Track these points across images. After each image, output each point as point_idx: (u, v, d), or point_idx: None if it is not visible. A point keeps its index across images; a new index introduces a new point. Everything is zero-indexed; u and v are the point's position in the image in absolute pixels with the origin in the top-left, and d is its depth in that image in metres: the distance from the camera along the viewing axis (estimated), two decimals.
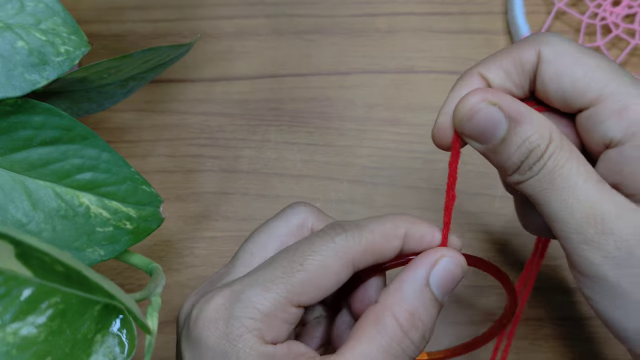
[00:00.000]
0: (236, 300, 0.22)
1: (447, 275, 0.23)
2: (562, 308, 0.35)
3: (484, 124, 0.22)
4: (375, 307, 0.23)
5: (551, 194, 0.22)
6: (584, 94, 0.22)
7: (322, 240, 0.23)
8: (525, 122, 0.22)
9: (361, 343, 0.22)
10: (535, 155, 0.22)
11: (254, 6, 0.42)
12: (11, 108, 0.25)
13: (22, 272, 0.19)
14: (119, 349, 0.21)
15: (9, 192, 0.26)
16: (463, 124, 0.22)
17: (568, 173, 0.22)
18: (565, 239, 0.22)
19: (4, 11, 0.26)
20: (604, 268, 0.21)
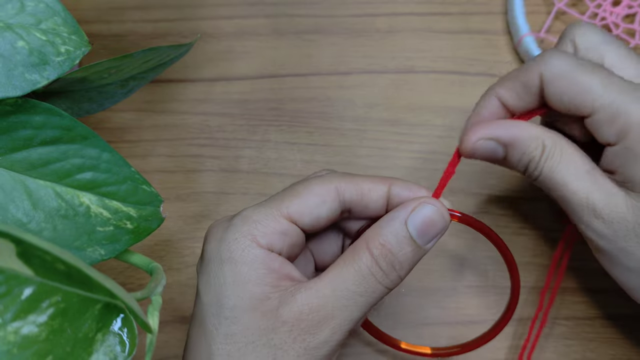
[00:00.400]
0: (235, 216, 0.27)
1: (426, 219, 0.26)
2: (563, 308, 0.35)
3: (485, 154, 0.28)
4: (356, 241, 0.26)
5: (554, 188, 0.27)
6: (581, 108, 0.26)
7: (313, 175, 0.28)
8: (517, 144, 0.27)
9: (337, 267, 0.25)
10: (533, 165, 0.27)
11: (254, 6, 0.42)
12: (11, 108, 0.25)
13: (23, 270, 0.19)
14: (119, 348, 0.21)
15: (10, 191, 0.26)
16: (470, 156, 0.28)
17: (561, 174, 0.27)
18: (572, 219, 0.28)
19: (5, 11, 0.26)
20: (599, 242, 0.27)
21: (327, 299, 0.25)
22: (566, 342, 0.35)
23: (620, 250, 0.26)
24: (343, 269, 0.25)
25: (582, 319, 0.35)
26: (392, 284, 0.26)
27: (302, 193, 0.27)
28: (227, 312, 0.25)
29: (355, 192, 0.27)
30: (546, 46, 0.41)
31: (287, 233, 0.26)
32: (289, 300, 0.25)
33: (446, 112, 0.39)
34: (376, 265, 0.25)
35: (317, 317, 0.25)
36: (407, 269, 0.26)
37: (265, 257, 0.26)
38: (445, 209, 0.26)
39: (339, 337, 0.25)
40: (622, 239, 0.26)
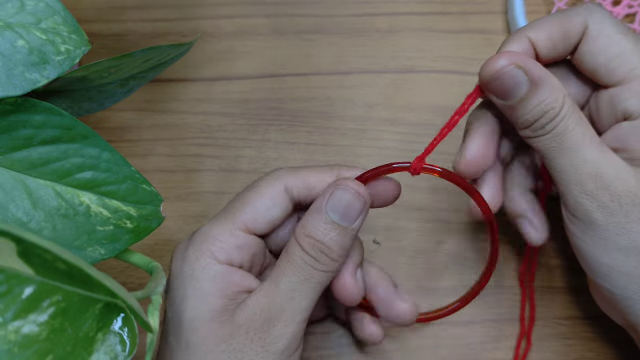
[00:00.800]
0: (195, 232, 0.28)
1: (343, 202, 0.26)
2: (563, 308, 0.35)
3: (508, 83, 0.25)
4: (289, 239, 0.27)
5: (559, 152, 0.25)
6: (613, 73, 0.25)
7: (261, 177, 0.29)
8: (543, 87, 0.25)
9: (277, 266, 0.27)
10: (549, 117, 0.25)
11: (254, 6, 0.42)
12: (11, 107, 0.25)
13: (24, 270, 0.19)
14: (120, 347, 0.21)
15: (10, 191, 0.26)
16: (489, 81, 0.26)
17: (576, 136, 0.25)
18: (566, 188, 0.26)
19: (4, 10, 0.26)
20: (596, 215, 0.25)
21: (274, 295, 0.26)
22: (566, 342, 0.35)
23: (617, 226, 0.25)
24: (281, 266, 0.27)
25: (581, 319, 0.35)
26: (331, 266, 0.27)
27: (252, 199, 0.28)
28: (186, 324, 0.26)
29: (302, 187, 0.28)
30: None
31: (244, 246, 0.28)
32: (242, 306, 0.26)
33: (446, 112, 0.39)
34: (307, 255, 0.26)
35: (268, 315, 0.26)
36: (341, 250, 0.27)
37: (225, 272, 0.27)
38: (361, 187, 0.27)
39: (293, 328, 0.26)
40: (624, 214, 0.25)
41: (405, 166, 0.28)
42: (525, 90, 0.25)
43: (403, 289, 0.36)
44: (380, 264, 0.36)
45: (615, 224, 0.25)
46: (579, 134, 0.25)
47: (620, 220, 0.25)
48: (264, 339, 0.26)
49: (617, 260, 0.26)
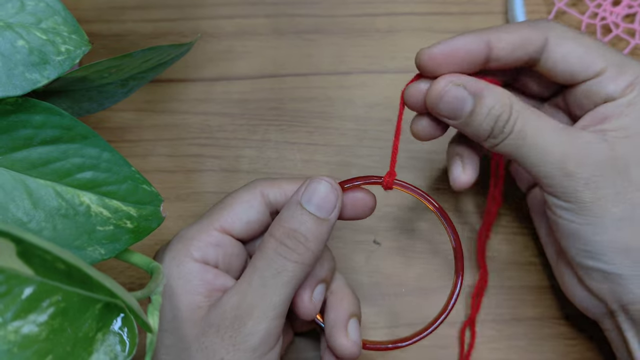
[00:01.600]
0: (174, 237, 0.29)
1: (315, 191, 0.27)
2: (563, 307, 0.35)
3: (453, 101, 0.27)
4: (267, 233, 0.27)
5: (527, 147, 0.26)
6: (588, 69, 0.27)
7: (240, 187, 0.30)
8: (487, 95, 0.26)
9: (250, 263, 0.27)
10: (503, 120, 0.26)
11: (255, 6, 0.42)
12: (12, 107, 0.25)
13: (24, 270, 0.19)
14: (120, 347, 0.21)
15: (10, 191, 0.26)
16: (436, 105, 0.27)
17: (537, 127, 0.26)
18: (549, 177, 0.26)
19: (5, 10, 0.26)
20: (584, 193, 0.26)
21: (245, 292, 0.26)
22: (566, 342, 0.35)
23: (606, 198, 0.26)
24: (253, 262, 0.27)
25: (581, 319, 0.35)
26: (303, 258, 0.27)
27: (230, 203, 0.29)
28: (165, 324, 0.27)
29: (278, 193, 0.29)
30: None
31: (219, 244, 0.28)
32: (216, 304, 0.26)
33: None
34: (280, 244, 0.26)
35: (239, 312, 0.26)
36: (316, 241, 0.27)
37: (199, 270, 0.27)
38: (332, 181, 0.27)
39: (265, 325, 0.26)
40: (610, 184, 0.26)
41: (377, 181, 0.29)
42: (471, 103, 0.27)
43: (403, 289, 0.36)
44: (380, 264, 0.36)
45: (603, 196, 0.26)
46: (539, 125, 0.26)
47: (608, 191, 0.26)
48: (234, 337, 0.26)
49: (612, 235, 0.26)
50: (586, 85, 0.27)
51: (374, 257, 0.36)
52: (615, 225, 0.26)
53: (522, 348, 0.35)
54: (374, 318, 0.35)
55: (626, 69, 0.27)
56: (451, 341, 0.35)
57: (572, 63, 0.27)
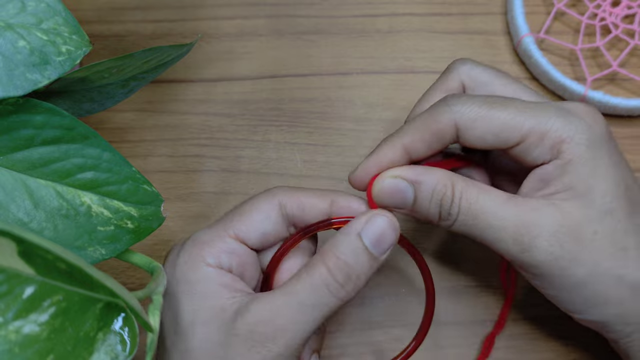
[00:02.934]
0: (186, 239, 0.28)
1: (379, 229, 0.26)
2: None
3: (396, 195, 0.27)
4: (312, 258, 0.26)
5: (480, 227, 0.26)
6: (507, 141, 0.26)
7: (258, 193, 0.29)
8: (426, 179, 0.27)
9: (291, 281, 0.26)
10: (447, 202, 0.26)
11: (255, 7, 0.42)
12: (13, 107, 0.25)
13: (25, 270, 0.19)
14: (120, 347, 0.21)
15: (11, 191, 0.26)
16: (381, 201, 0.27)
17: (483, 206, 0.26)
18: (508, 252, 0.26)
19: (5, 11, 0.26)
20: (542, 265, 0.26)
21: (280, 311, 0.25)
22: (566, 342, 0.35)
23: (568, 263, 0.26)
24: (297, 283, 0.26)
25: None
26: (347, 296, 0.26)
27: (247, 211, 0.28)
28: (183, 328, 0.26)
29: (296, 206, 0.28)
30: (546, 46, 0.41)
31: (234, 252, 0.28)
32: (243, 311, 0.26)
33: None
34: (331, 278, 0.25)
35: (269, 330, 0.25)
36: (364, 281, 0.26)
37: (216, 274, 0.27)
38: (395, 220, 0.27)
39: (292, 351, 0.25)
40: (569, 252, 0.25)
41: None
42: (412, 193, 0.27)
43: (403, 289, 0.36)
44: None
45: (565, 265, 0.26)
46: (486, 201, 0.26)
47: (567, 258, 0.25)
48: (261, 353, 0.25)
49: (581, 296, 0.26)
50: (512, 151, 0.27)
51: None
52: (581, 288, 0.26)
53: (521, 348, 0.35)
54: (374, 318, 0.35)
55: (547, 128, 0.26)
56: (448, 341, 0.35)
57: (490, 141, 0.26)
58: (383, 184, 0.27)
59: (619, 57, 0.40)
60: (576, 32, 0.41)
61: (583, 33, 0.40)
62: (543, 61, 0.39)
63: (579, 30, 0.41)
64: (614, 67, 0.39)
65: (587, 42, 0.41)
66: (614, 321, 0.27)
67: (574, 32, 0.41)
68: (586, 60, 0.40)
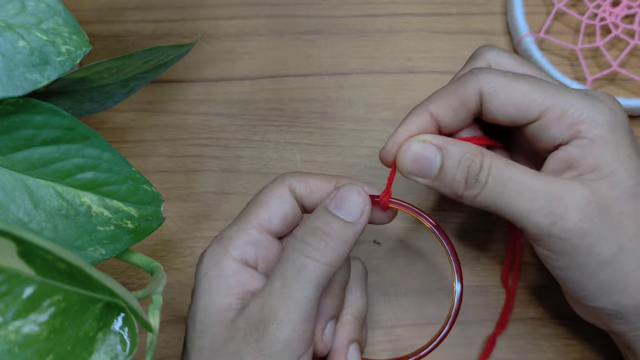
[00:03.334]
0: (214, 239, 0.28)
1: (342, 197, 0.27)
2: (563, 307, 0.35)
3: (421, 159, 0.27)
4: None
5: (509, 197, 0.26)
6: (527, 114, 0.26)
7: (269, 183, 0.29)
8: (454, 147, 0.27)
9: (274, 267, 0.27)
10: (475, 169, 0.26)
11: (255, 7, 0.42)
12: (12, 107, 0.25)
13: (24, 270, 0.19)
14: (120, 347, 0.21)
15: (10, 191, 0.26)
16: (406, 167, 0.28)
17: (514, 174, 0.26)
18: (536, 224, 0.26)
19: (5, 11, 0.26)
20: (571, 241, 0.25)
21: (267, 295, 0.26)
22: (566, 342, 0.35)
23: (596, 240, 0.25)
24: (276, 265, 0.26)
25: (581, 319, 0.35)
26: (324, 256, 0.26)
27: (264, 199, 0.29)
28: (198, 325, 0.26)
29: (304, 188, 0.29)
30: (546, 46, 0.41)
31: (258, 243, 0.28)
32: (243, 308, 0.26)
33: None
34: (300, 242, 0.26)
35: (262, 316, 0.25)
36: (340, 242, 0.26)
37: (236, 270, 0.27)
38: (361, 187, 0.27)
39: (289, 329, 0.25)
40: (596, 229, 0.25)
41: (374, 200, 0.28)
42: (439, 159, 0.27)
43: (403, 289, 0.36)
44: (380, 264, 0.36)
45: (592, 241, 0.25)
46: (516, 171, 0.26)
47: (596, 235, 0.25)
48: (258, 341, 0.25)
49: (602, 279, 0.26)
50: (530, 128, 0.27)
51: (374, 257, 0.36)
52: (604, 269, 0.26)
53: (522, 348, 0.35)
54: (374, 318, 0.35)
55: (567, 107, 0.26)
56: (448, 341, 0.35)
57: (510, 112, 0.27)
58: (409, 149, 0.27)
59: (619, 57, 0.40)
60: (576, 32, 0.41)
61: (583, 33, 0.40)
62: (543, 61, 0.39)
63: (579, 30, 0.41)
64: (614, 67, 0.39)
65: (587, 42, 0.41)
66: (629, 311, 0.26)
67: (574, 32, 0.41)
68: (586, 60, 0.40)
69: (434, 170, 0.27)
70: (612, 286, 0.26)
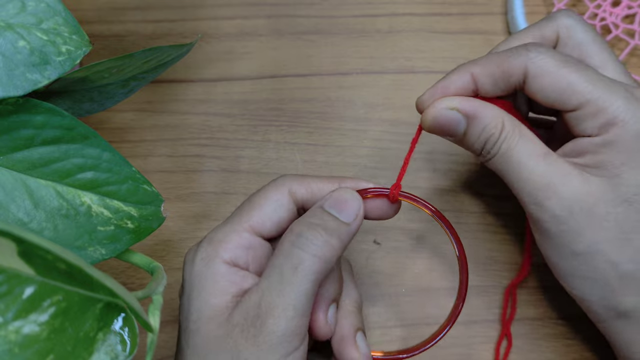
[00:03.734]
0: (204, 238, 0.28)
1: (337, 198, 0.28)
2: (562, 308, 0.35)
3: (447, 125, 0.28)
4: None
5: (509, 169, 0.28)
6: (567, 103, 0.27)
7: (267, 183, 0.29)
8: (480, 116, 0.28)
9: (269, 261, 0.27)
10: (492, 142, 0.28)
11: (255, 7, 0.42)
12: (13, 107, 0.25)
13: (25, 270, 0.19)
14: (120, 347, 0.21)
15: (11, 191, 0.26)
16: (432, 128, 0.29)
17: (520, 153, 0.27)
18: (522, 201, 0.28)
19: (6, 11, 0.26)
20: (548, 224, 0.27)
21: (264, 290, 0.26)
22: (566, 342, 0.35)
23: (573, 234, 0.27)
24: (272, 258, 0.26)
25: (581, 318, 0.35)
26: (322, 251, 0.26)
27: (259, 202, 0.28)
28: (191, 325, 0.26)
29: (305, 191, 0.29)
30: None
31: (250, 246, 0.28)
32: (238, 304, 0.26)
33: None
34: (297, 237, 0.26)
35: (260, 310, 0.25)
36: (336, 237, 0.27)
37: (227, 271, 0.27)
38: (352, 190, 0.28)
39: (285, 323, 0.25)
40: (576, 222, 0.27)
41: (384, 193, 0.29)
42: (464, 125, 0.28)
43: (403, 289, 0.36)
44: (380, 264, 0.36)
45: (567, 232, 0.27)
46: (523, 151, 0.27)
47: (572, 227, 0.27)
48: (256, 336, 0.25)
49: (573, 266, 0.28)
50: (566, 115, 0.28)
51: (374, 257, 0.36)
52: (575, 259, 0.27)
53: (521, 348, 0.35)
54: (374, 318, 0.35)
55: (606, 105, 0.26)
56: (448, 341, 0.35)
57: (551, 97, 0.27)
58: (440, 113, 0.28)
59: (619, 57, 0.40)
60: None
61: None
62: None
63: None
64: None
65: None
66: (597, 303, 0.28)
67: None
68: None
69: (459, 135, 0.29)
70: (585, 277, 0.28)
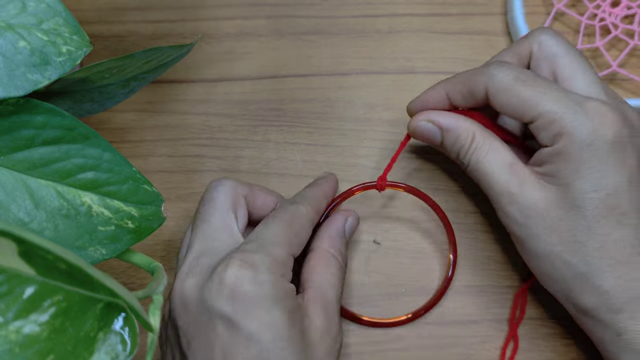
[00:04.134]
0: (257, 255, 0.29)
1: (353, 225, 0.34)
2: (562, 307, 0.35)
3: (427, 134, 0.33)
4: (319, 250, 0.32)
5: (479, 178, 0.31)
6: (523, 116, 0.30)
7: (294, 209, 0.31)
8: (452, 129, 0.32)
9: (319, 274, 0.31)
10: (463, 152, 0.32)
11: (255, 7, 0.42)
12: (13, 108, 0.26)
13: (25, 270, 0.19)
14: (121, 346, 0.21)
15: (11, 191, 0.26)
16: (414, 136, 0.34)
17: (487, 164, 0.31)
18: (493, 204, 0.31)
19: (6, 11, 0.26)
20: (512, 227, 0.31)
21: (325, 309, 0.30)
22: (566, 342, 0.35)
23: (532, 237, 0.30)
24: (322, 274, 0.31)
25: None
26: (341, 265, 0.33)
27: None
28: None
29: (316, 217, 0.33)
30: None
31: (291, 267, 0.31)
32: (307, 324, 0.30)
33: None
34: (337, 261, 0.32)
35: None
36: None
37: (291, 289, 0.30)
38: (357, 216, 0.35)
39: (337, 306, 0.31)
40: (534, 226, 0.29)
41: (372, 185, 0.35)
42: (439, 136, 0.33)
43: (403, 289, 0.36)
44: (380, 264, 0.36)
45: (528, 235, 0.30)
46: (491, 161, 0.31)
47: (531, 231, 0.30)
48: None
49: (539, 266, 0.30)
50: (529, 126, 0.30)
51: (374, 257, 0.36)
52: (539, 259, 0.30)
53: (521, 348, 0.35)
54: (374, 315, 0.35)
55: (556, 117, 0.29)
56: (448, 341, 0.35)
57: (510, 111, 0.30)
58: (418, 124, 0.33)
59: (618, 57, 0.40)
60: (576, 33, 0.41)
61: (582, 33, 0.41)
62: None
63: (579, 31, 0.41)
64: (614, 68, 0.39)
65: (587, 42, 0.41)
66: (565, 301, 0.31)
67: (573, 32, 0.41)
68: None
69: (437, 143, 0.33)
70: (549, 275, 0.30)
